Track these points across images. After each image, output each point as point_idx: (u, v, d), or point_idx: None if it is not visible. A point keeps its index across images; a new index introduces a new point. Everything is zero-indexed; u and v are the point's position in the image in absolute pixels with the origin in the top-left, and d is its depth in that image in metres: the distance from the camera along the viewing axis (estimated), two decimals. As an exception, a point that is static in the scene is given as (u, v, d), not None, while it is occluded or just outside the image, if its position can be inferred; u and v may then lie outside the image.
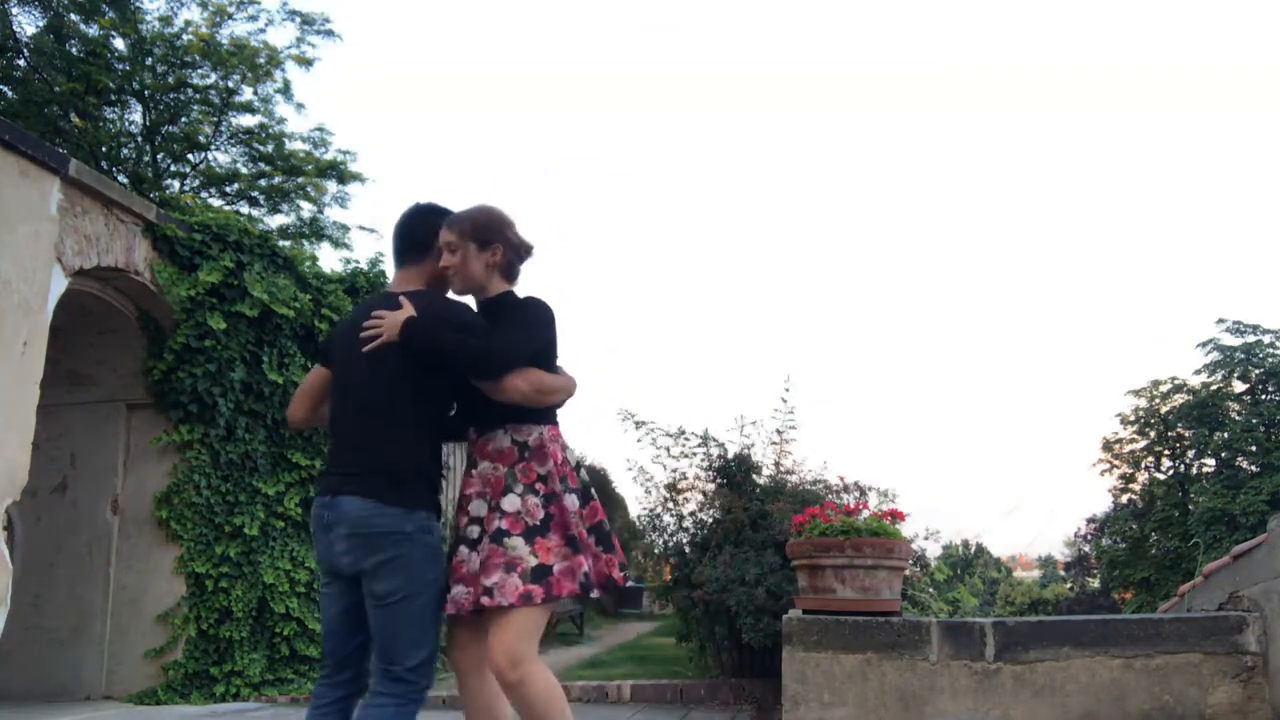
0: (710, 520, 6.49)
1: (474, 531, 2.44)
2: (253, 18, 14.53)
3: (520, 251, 2.60)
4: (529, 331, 2.45)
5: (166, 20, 13.84)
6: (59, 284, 5.39)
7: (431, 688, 2.40)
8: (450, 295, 2.60)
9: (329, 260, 19.62)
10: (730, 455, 6.56)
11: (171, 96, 14.17)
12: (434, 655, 2.38)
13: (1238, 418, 21.74)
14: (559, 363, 2.58)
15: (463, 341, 2.36)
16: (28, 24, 13.18)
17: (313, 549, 2.48)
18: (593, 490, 2.57)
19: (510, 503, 2.41)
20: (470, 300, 2.61)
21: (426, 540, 2.36)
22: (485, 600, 2.30)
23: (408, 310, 2.38)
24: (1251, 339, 22.04)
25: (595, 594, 2.41)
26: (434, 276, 2.56)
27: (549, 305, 2.54)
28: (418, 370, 2.38)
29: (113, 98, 13.78)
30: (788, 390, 6.64)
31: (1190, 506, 21.86)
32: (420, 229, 2.57)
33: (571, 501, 2.44)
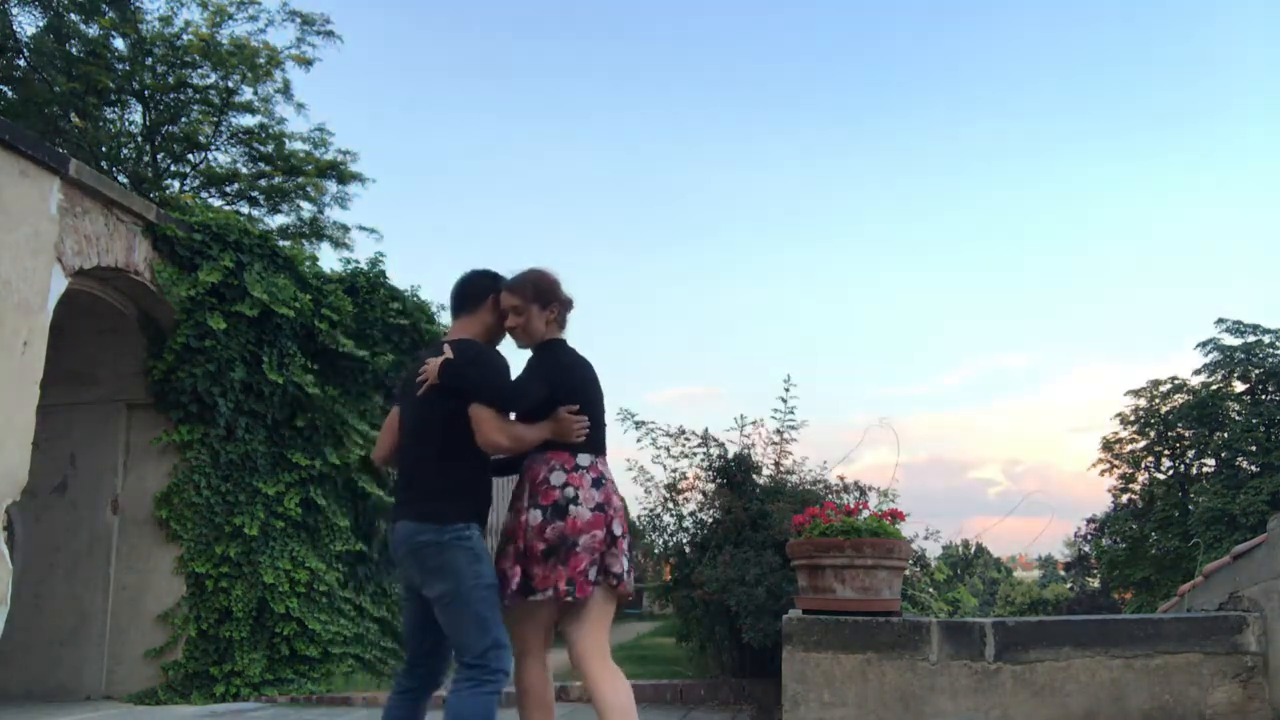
0: (710, 520, 6.47)
1: None
2: (253, 18, 14.55)
3: (568, 306, 3.08)
4: (540, 378, 2.87)
5: (166, 20, 13.85)
6: (59, 284, 5.38)
7: (507, 672, 2.71)
8: (488, 345, 3.02)
9: (329, 260, 19.60)
10: (730, 455, 6.55)
11: (171, 96, 14.17)
12: (500, 642, 2.70)
13: (1238, 418, 21.75)
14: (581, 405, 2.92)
15: (484, 382, 2.78)
16: (28, 24, 13.20)
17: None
18: (571, 509, 2.80)
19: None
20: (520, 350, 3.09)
21: (465, 546, 2.72)
22: None
23: (446, 354, 2.81)
24: (1251, 339, 22.04)
25: (536, 598, 2.76)
26: (483, 325, 3.00)
27: (570, 357, 3.00)
28: (452, 403, 2.77)
29: (113, 98, 13.78)
30: (788, 390, 6.62)
31: (1190, 506, 21.86)
32: (475, 287, 3.03)
33: (533, 516, 2.79)
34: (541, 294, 2.98)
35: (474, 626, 2.67)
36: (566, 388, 2.91)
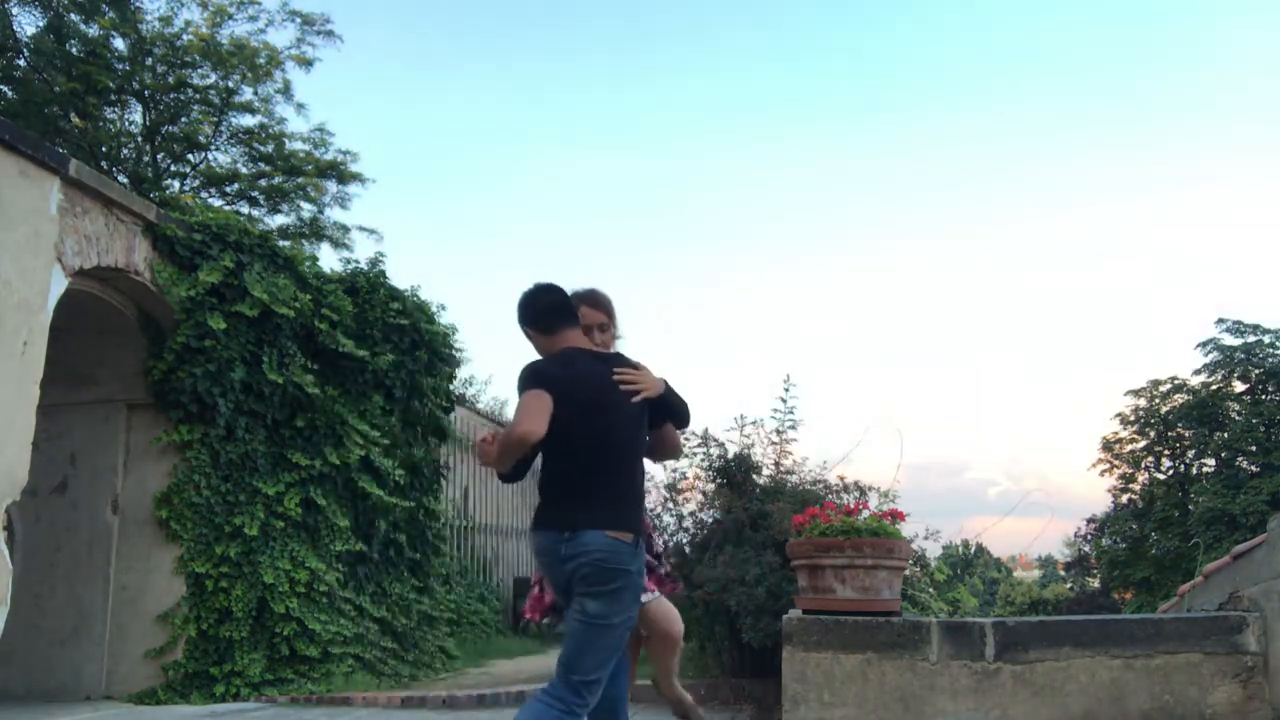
0: (710, 520, 6.47)
1: None
2: (253, 18, 14.54)
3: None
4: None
5: (166, 20, 13.85)
6: (59, 284, 5.39)
7: (590, 707, 2.74)
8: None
9: (329, 260, 19.63)
10: (730, 455, 6.55)
11: (171, 96, 14.17)
12: (603, 679, 2.74)
13: (1238, 418, 21.74)
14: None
15: (686, 406, 3.04)
16: (28, 24, 13.19)
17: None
18: None
19: None
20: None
21: (638, 584, 2.83)
22: None
23: (650, 372, 2.93)
24: (1251, 339, 22.03)
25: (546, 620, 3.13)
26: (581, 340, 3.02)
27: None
28: (646, 419, 2.93)
29: (113, 98, 13.78)
30: (788, 390, 6.62)
31: (1190, 506, 21.86)
32: (567, 299, 3.06)
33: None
34: (613, 314, 3.22)
35: (601, 656, 2.69)
36: None
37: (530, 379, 2.78)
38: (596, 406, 2.80)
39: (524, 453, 2.74)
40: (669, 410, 2.96)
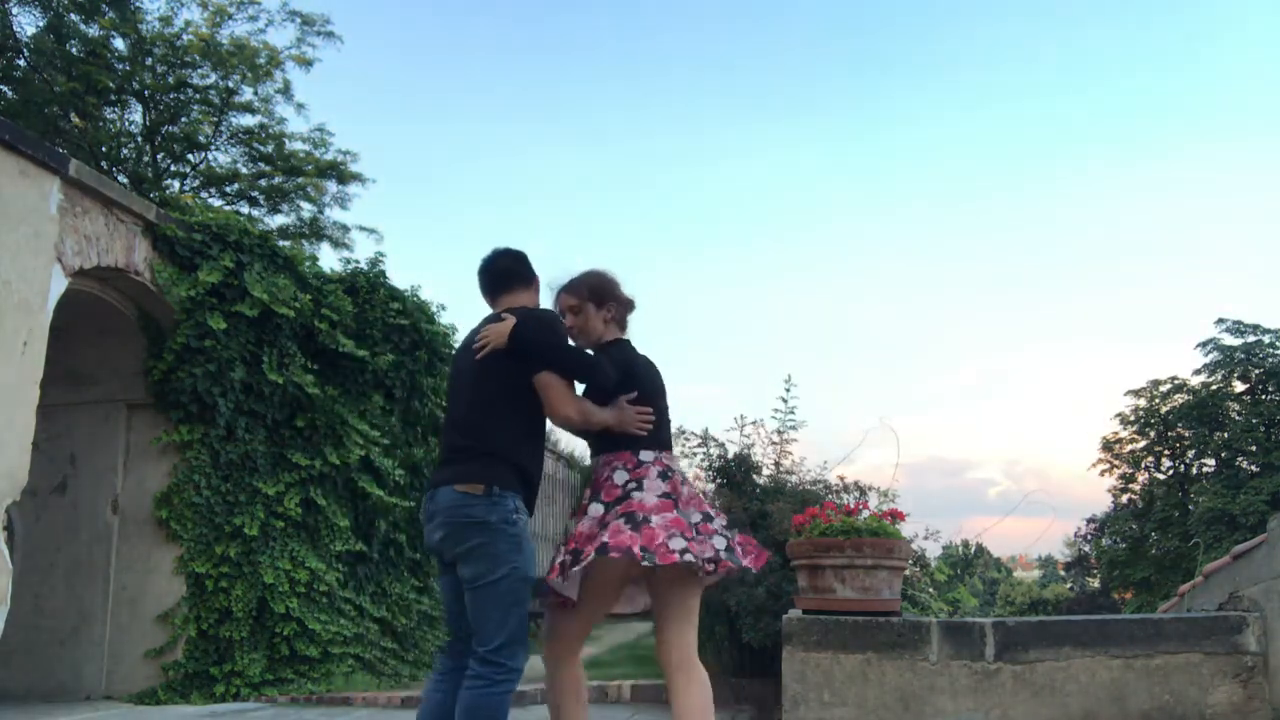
0: (710, 520, 6.48)
1: None
2: (253, 18, 14.54)
3: (628, 306, 3.08)
4: (611, 365, 2.82)
5: (166, 20, 13.84)
6: (59, 284, 5.38)
7: (521, 669, 2.69)
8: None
9: (329, 260, 19.61)
10: (730, 455, 6.56)
11: (171, 96, 14.17)
12: (517, 638, 2.65)
13: (1238, 418, 21.74)
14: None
15: (559, 344, 2.77)
16: (28, 24, 13.19)
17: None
18: (635, 495, 2.77)
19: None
20: None
21: (510, 532, 2.66)
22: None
23: (510, 321, 2.75)
24: (1251, 339, 22.03)
25: (609, 556, 2.63)
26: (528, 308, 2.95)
27: (635, 354, 3.00)
28: (515, 368, 2.75)
29: (113, 98, 13.78)
30: (788, 390, 6.63)
31: (1190, 506, 21.86)
32: (509, 266, 3.03)
33: (594, 509, 2.77)
34: (596, 293, 3.00)
35: (499, 618, 2.59)
36: (633, 378, 2.90)
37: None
38: (454, 371, 2.94)
39: None
40: (527, 352, 2.72)
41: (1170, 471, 23.67)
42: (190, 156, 15.06)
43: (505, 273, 3.02)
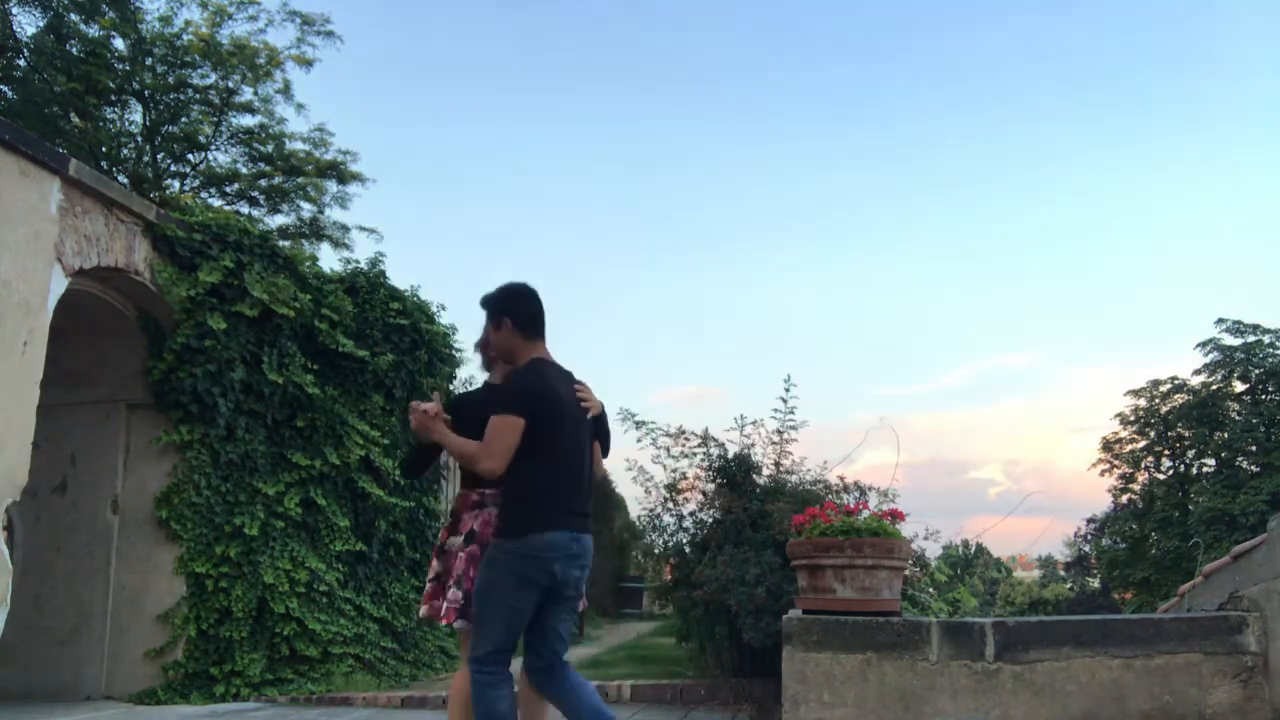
0: (710, 520, 6.47)
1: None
2: (253, 18, 14.53)
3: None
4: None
5: (166, 20, 13.84)
6: (59, 284, 5.39)
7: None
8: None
9: (329, 260, 19.61)
10: (730, 455, 6.55)
11: (171, 96, 14.16)
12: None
13: (1238, 418, 21.76)
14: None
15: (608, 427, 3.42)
16: (28, 24, 13.18)
17: (548, 569, 2.97)
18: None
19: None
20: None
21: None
22: None
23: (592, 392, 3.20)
24: (1251, 339, 22.05)
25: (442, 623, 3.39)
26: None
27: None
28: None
29: (113, 98, 13.77)
30: (788, 390, 6.62)
31: (1190, 506, 21.87)
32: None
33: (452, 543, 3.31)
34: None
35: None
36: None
37: (524, 397, 2.95)
38: (574, 422, 3.08)
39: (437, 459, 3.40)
40: (600, 431, 3.24)
41: (1170, 471, 23.69)
42: (190, 156, 15.05)
43: (542, 317, 3.21)
